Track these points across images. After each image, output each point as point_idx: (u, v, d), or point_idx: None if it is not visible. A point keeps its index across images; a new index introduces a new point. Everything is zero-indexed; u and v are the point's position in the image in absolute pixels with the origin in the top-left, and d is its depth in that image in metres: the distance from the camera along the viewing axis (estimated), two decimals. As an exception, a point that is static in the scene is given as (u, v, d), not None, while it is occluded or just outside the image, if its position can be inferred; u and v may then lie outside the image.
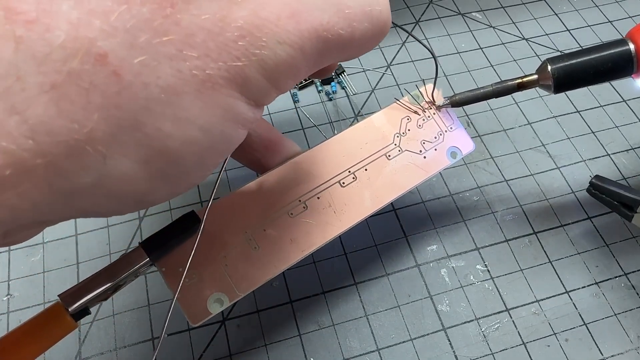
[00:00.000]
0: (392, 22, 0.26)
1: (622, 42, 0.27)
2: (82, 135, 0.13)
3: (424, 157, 0.28)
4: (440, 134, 0.28)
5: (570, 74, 0.27)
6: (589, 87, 0.40)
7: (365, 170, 0.27)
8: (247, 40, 0.15)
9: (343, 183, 0.26)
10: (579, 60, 0.27)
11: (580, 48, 0.27)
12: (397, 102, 0.28)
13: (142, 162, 0.14)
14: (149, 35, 0.13)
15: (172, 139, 0.15)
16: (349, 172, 0.26)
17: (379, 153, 0.27)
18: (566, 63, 0.27)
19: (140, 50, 0.13)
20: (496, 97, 0.28)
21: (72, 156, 0.13)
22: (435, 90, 0.29)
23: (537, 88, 0.28)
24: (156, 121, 0.14)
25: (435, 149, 0.28)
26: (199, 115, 0.15)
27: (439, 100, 0.29)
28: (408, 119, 0.28)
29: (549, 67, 0.27)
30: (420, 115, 0.29)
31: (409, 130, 0.28)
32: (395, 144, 0.27)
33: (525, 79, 0.28)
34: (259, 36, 0.15)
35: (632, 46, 0.26)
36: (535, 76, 0.28)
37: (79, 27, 0.12)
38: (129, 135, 0.14)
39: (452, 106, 0.29)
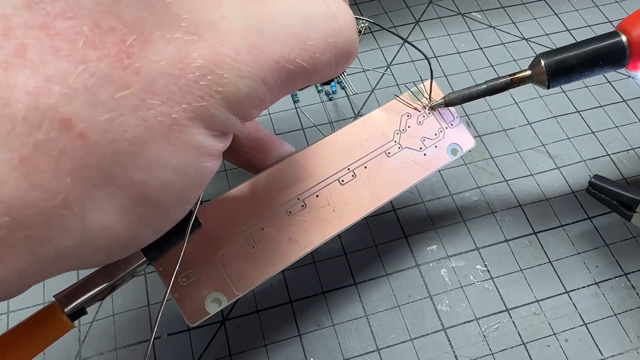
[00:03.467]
0: (386, 29, 0.26)
1: (614, 34, 0.27)
2: (57, 202, 0.13)
3: (424, 155, 0.28)
4: (441, 131, 0.28)
5: (564, 68, 0.27)
6: (589, 87, 0.40)
7: (365, 167, 0.27)
8: (209, 79, 0.15)
9: (342, 181, 0.26)
10: (572, 53, 0.27)
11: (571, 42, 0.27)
12: (397, 98, 0.28)
13: (120, 213, 0.14)
14: (110, 90, 0.13)
15: (148, 186, 0.15)
16: (348, 169, 0.26)
17: (379, 150, 0.27)
18: (560, 57, 0.27)
19: (103, 107, 0.13)
20: (490, 95, 0.28)
21: (50, 223, 0.13)
22: (435, 88, 0.29)
23: (533, 85, 0.28)
24: (128, 173, 0.14)
25: (436, 146, 0.28)
26: (171, 159, 0.15)
27: (437, 98, 0.29)
28: (408, 116, 0.28)
29: (542, 62, 0.27)
30: (420, 112, 0.28)
31: (409, 127, 0.28)
32: (395, 141, 0.27)
33: (518, 75, 0.28)
34: (220, 73, 0.15)
35: (624, 37, 0.26)
36: (529, 72, 0.28)
37: (39, 96, 0.12)
38: (103, 191, 0.14)
39: (446, 105, 0.28)
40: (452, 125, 0.29)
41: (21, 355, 0.19)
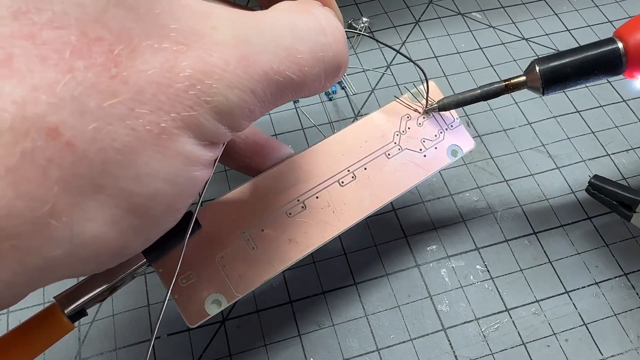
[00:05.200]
0: (380, 42, 0.26)
1: (610, 40, 0.26)
2: (44, 211, 0.13)
3: (424, 156, 0.28)
4: (441, 132, 0.28)
5: (559, 75, 0.26)
6: (589, 87, 0.40)
7: (365, 169, 0.27)
8: (198, 89, 0.15)
9: (342, 182, 0.26)
10: (567, 60, 0.26)
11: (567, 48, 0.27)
12: (397, 100, 0.28)
13: (110, 223, 0.14)
14: (98, 99, 0.13)
15: (138, 196, 0.15)
16: (348, 171, 0.26)
17: (379, 152, 0.27)
18: (555, 63, 0.26)
19: (91, 116, 0.13)
20: (484, 100, 0.28)
21: (38, 233, 0.13)
22: (436, 89, 0.29)
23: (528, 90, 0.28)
24: (117, 182, 0.14)
25: (436, 148, 0.28)
26: (160, 168, 0.15)
27: (435, 99, 0.29)
28: (408, 117, 0.28)
29: (537, 68, 0.26)
30: (420, 113, 0.28)
31: (409, 128, 0.28)
32: (395, 143, 0.27)
33: (513, 81, 0.27)
34: (209, 83, 0.15)
35: (620, 44, 0.26)
36: (523, 77, 0.27)
37: (25, 105, 0.12)
38: (93, 200, 0.14)
39: (439, 110, 0.28)
40: (452, 126, 0.29)
41: (21, 356, 0.19)
